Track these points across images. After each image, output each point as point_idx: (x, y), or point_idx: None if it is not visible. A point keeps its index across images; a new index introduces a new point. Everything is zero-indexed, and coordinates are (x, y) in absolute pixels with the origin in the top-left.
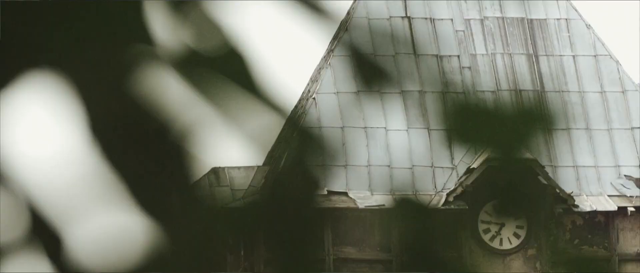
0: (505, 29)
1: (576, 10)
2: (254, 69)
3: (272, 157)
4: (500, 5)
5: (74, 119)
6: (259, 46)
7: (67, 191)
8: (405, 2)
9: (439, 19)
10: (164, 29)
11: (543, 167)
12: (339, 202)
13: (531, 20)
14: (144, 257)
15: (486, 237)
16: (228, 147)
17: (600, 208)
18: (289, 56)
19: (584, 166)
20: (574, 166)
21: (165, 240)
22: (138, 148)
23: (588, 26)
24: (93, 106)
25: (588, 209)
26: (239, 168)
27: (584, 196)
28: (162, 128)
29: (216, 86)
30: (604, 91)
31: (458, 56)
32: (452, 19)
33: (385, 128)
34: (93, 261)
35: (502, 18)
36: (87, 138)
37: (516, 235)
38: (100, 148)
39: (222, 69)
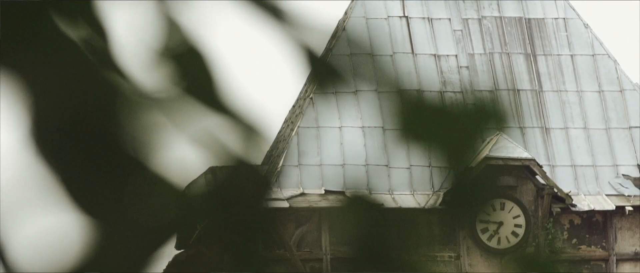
0: (503, 28)
1: (574, 9)
2: (213, 73)
3: (270, 156)
4: (498, 5)
5: (16, 118)
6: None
7: (6, 191)
8: (403, 2)
9: (436, 19)
10: (120, 29)
11: (541, 166)
12: (336, 201)
13: (529, 19)
14: (85, 257)
15: (484, 236)
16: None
17: (598, 208)
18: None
19: (582, 166)
20: (572, 166)
21: (105, 240)
22: (83, 150)
23: (586, 25)
24: (39, 106)
25: (586, 208)
26: None
27: (582, 195)
28: (110, 129)
29: (171, 90)
30: (602, 90)
31: (456, 56)
32: (449, 19)
33: (382, 127)
34: (33, 262)
35: (500, 17)
36: (29, 137)
37: (514, 234)
38: (42, 149)
39: (180, 72)
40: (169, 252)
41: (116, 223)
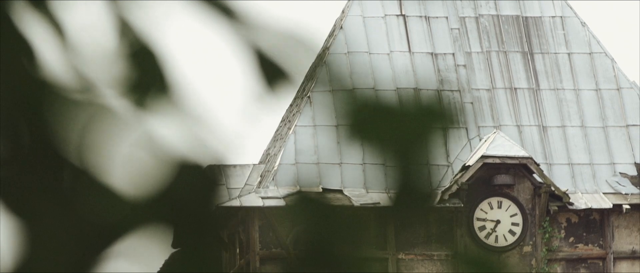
0: (500, 26)
1: (571, 8)
2: (162, 72)
3: (268, 155)
4: (496, 3)
5: None
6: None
7: None
8: (401, 1)
9: (434, 17)
10: (71, 28)
11: (538, 164)
12: (334, 200)
13: (526, 18)
14: (22, 259)
15: (482, 234)
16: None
17: (595, 206)
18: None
19: (579, 164)
20: (569, 164)
21: (43, 242)
22: (18, 150)
23: (583, 24)
24: None
25: (583, 207)
26: (234, 166)
27: (579, 193)
28: (48, 130)
29: (117, 89)
30: (599, 89)
31: (453, 54)
32: (447, 17)
33: None
34: None
35: (497, 16)
36: None
37: (511, 232)
38: None
39: (129, 71)
40: (167, 251)
41: (54, 224)
